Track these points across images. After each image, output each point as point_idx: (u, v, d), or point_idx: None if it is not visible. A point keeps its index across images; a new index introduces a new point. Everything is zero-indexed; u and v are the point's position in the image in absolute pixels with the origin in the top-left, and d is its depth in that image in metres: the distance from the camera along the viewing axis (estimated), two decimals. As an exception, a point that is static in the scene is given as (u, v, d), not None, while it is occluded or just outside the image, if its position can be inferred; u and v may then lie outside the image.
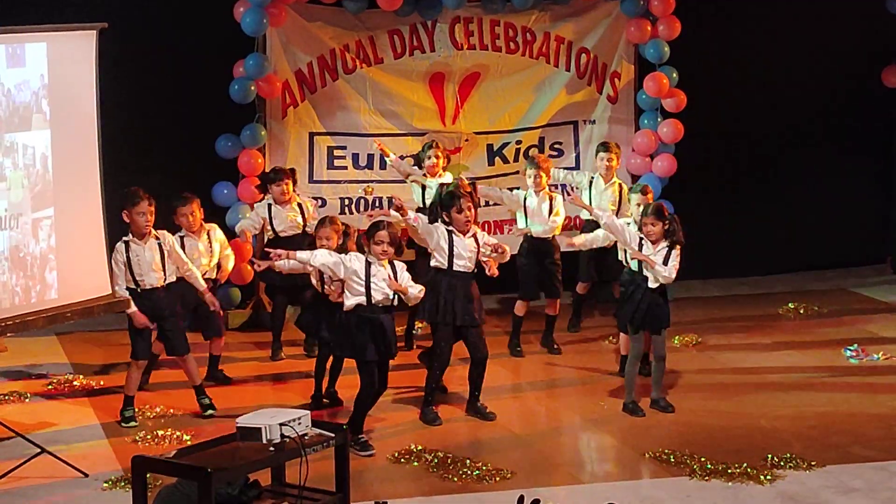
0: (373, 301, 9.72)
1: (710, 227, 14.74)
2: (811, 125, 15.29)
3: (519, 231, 12.35)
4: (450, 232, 10.40)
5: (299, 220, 12.12)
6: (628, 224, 10.83)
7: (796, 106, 15.14)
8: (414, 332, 12.59)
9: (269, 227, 12.13)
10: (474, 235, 10.50)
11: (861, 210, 15.55)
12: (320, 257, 9.81)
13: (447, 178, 12.28)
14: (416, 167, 12.57)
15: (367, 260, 9.75)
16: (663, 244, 10.48)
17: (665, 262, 10.42)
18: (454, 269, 10.38)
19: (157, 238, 10.49)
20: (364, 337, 9.72)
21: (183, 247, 10.94)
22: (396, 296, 9.80)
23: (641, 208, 10.92)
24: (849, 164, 15.45)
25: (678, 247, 10.48)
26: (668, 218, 10.50)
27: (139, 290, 10.38)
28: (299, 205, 12.22)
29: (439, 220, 10.46)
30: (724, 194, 15.13)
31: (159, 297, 10.43)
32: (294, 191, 12.19)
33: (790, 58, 14.98)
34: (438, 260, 10.41)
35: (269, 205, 12.19)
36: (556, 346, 12.34)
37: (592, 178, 13.08)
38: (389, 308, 9.82)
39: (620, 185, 13.06)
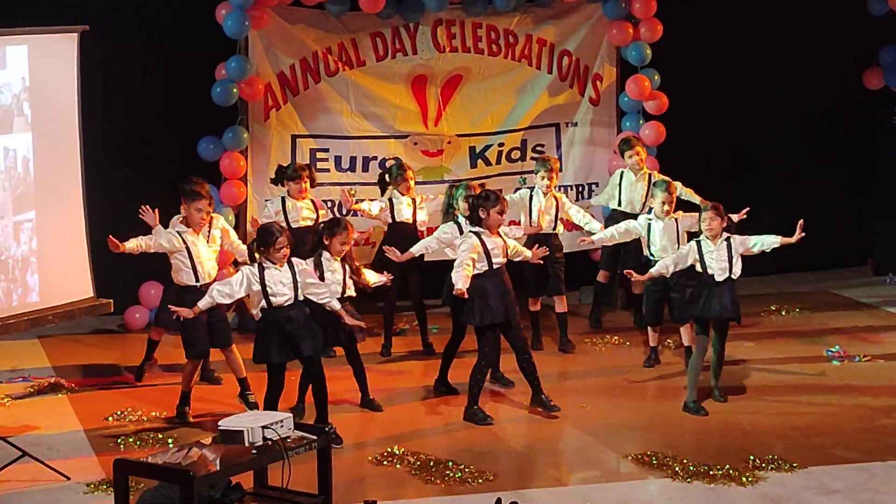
0: (273, 304, 9.78)
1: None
2: (792, 127, 15.32)
3: (531, 229, 12.46)
4: (478, 234, 10.46)
5: (312, 215, 12.30)
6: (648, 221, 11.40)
7: (778, 108, 15.17)
8: (397, 332, 12.62)
9: (282, 221, 12.18)
10: (500, 234, 10.67)
11: (842, 212, 15.58)
12: (234, 289, 9.79)
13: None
14: (373, 202, 12.53)
15: (260, 266, 9.79)
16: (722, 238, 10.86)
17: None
18: (494, 268, 10.48)
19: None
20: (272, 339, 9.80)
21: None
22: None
23: (666, 206, 11.45)
24: (830, 167, 15.48)
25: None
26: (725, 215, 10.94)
27: (199, 286, 10.49)
28: (312, 201, 12.44)
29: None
30: (705, 196, 15.09)
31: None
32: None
33: (772, 60, 15.01)
34: (477, 267, 10.46)
35: (284, 198, 12.35)
36: (571, 346, 12.51)
37: (622, 173, 13.28)
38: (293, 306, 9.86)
39: (649, 174, 13.21)
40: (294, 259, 9.94)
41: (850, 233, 15.76)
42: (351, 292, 10.51)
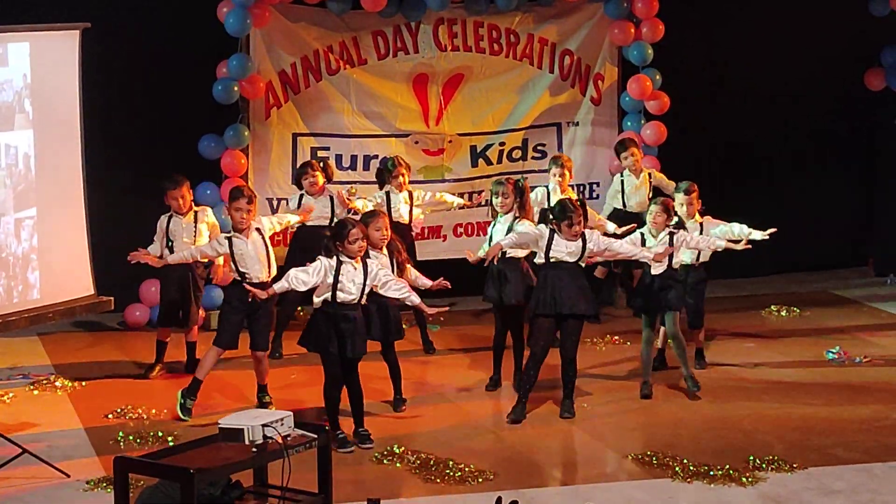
0: (338, 300, 9.75)
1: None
2: (794, 128, 15.32)
3: None
4: (553, 231, 10.42)
5: (328, 211, 12.19)
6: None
7: (779, 109, 15.17)
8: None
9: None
10: (582, 235, 10.48)
11: (843, 213, 15.58)
12: (310, 276, 9.78)
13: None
14: (367, 200, 12.46)
15: (338, 259, 9.76)
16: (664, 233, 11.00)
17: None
18: (551, 260, 10.41)
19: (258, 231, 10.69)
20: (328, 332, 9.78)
21: (169, 226, 11.40)
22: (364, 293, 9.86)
23: (685, 208, 11.47)
24: (831, 167, 15.49)
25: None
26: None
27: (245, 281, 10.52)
28: (330, 196, 12.30)
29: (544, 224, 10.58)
30: (706, 197, 15.10)
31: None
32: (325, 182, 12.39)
33: (773, 60, 15.00)
34: (539, 255, 10.48)
35: (302, 194, 12.30)
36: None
37: (623, 176, 13.36)
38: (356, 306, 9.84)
39: (650, 173, 13.34)
40: (368, 260, 9.90)
41: (851, 233, 15.75)
42: None
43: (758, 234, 11.55)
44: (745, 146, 15.18)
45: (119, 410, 10.59)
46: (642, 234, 11.15)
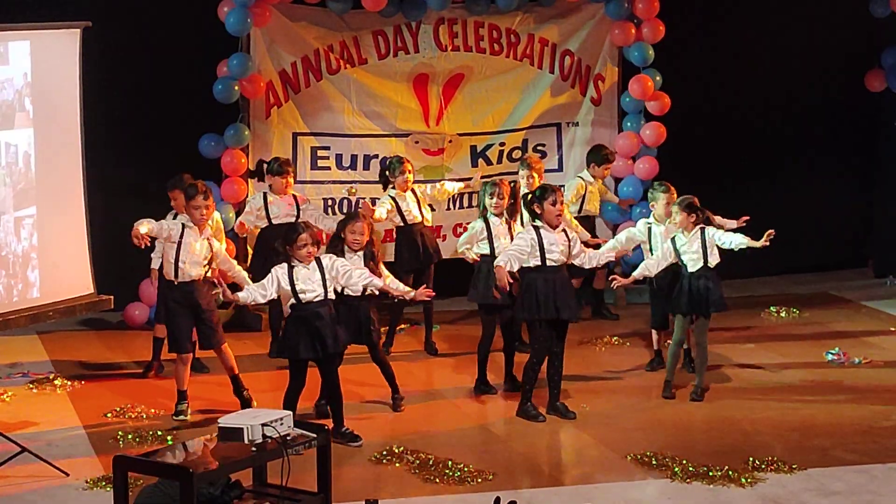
0: (303, 301, 9.80)
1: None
2: (794, 129, 15.32)
3: None
4: (537, 228, 10.40)
5: (293, 211, 12.18)
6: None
7: (779, 110, 15.17)
8: (398, 331, 12.62)
9: (263, 216, 12.23)
10: (564, 230, 10.54)
11: (843, 214, 15.57)
12: (267, 289, 9.84)
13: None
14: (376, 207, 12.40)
15: (289, 265, 9.82)
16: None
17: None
18: (547, 264, 10.38)
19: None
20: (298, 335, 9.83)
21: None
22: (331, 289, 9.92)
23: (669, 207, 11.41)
24: (831, 168, 15.48)
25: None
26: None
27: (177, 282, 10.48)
28: (294, 196, 12.34)
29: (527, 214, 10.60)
30: (706, 197, 15.08)
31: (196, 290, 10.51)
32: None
33: (774, 62, 15.00)
34: (530, 260, 10.38)
35: (265, 194, 12.29)
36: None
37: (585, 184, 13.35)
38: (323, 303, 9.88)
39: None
40: (323, 256, 9.95)
41: (851, 234, 15.75)
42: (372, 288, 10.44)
43: (757, 243, 11.51)
44: (745, 147, 15.17)
45: (118, 409, 10.59)
46: (673, 240, 11.05)
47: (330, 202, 13.53)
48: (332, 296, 9.93)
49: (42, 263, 9.46)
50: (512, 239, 10.82)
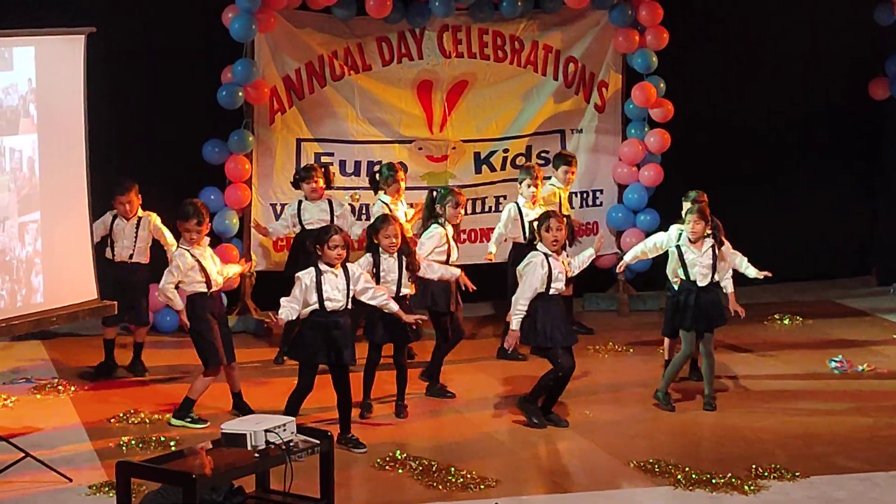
0: (327, 309, 9.83)
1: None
2: (797, 136, 15.32)
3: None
4: (546, 256, 10.44)
5: (327, 216, 12.23)
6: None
7: (783, 117, 15.17)
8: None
9: (297, 223, 12.35)
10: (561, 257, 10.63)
11: (846, 222, 15.57)
12: (299, 301, 9.85)
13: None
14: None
15: (318, 270, 9.85)
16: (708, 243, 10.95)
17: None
18: (550, 293, 10.44)
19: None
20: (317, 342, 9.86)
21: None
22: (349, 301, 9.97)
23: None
24: (834, 176, 15.47)
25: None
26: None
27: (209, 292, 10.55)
28: (329, 201, 12.38)
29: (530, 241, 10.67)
30: (710, 204, 15.10)
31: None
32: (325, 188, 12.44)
33: (777, 69, 15.01)
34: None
35: (300, 202, 12.37)
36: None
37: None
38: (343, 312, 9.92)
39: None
40: (349, 264, 9.98)
41: (855, 243, 15.75)
42: (407, 290, 10.57)
43: (752, 272, 11.50)
44: (748, 153, 15.17)
45: (121, 415, 10.60)
46: (679, 248, 10.99)
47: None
48: (351, 306, 9.96)
49: (46, 269, 9.47)
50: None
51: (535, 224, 10.62)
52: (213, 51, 13.07)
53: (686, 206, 11.45)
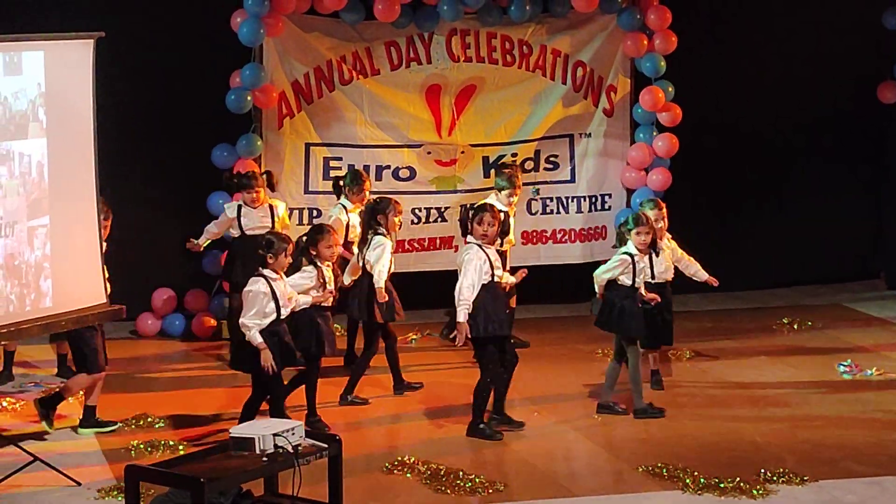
0: (282, 316, 9.87)
1: (705, 241, 14.74)
2: (806, 140, 15.31)
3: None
4: (479, 246, 10.35)
5: (268, 221, 12.18)
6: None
7: (791, 121, 15.16)
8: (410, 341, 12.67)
9: (235, 227, 12.23)
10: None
11: (855, 226, 15.56)
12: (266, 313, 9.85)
13: None
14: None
15: (267, 279, 9.84)
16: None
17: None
18: (495, 279, 10.38)
19: None
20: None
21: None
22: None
23: (661, 223, 11.32)
24: (843, 180, 15.46)
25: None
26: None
27: None
28: (270, 206, 12.32)
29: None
30: (718, 208, 15.15)
31: None
32: (266, 195, 12.36)
33: (785, 73, 15.00)
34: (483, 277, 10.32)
35: (240, 206, 12.29)
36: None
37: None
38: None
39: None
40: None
41: (864, 246, 15.73)
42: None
43: (703, 276, 11.48)
44: (756, 158, 15.17)
45: (130, 419, 10.61)
46: (632, 256, 10.78)
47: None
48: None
49: (55, 273, 9.48)
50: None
51: (470, 215, 10.45)
52: (221, 55, 13.09)
53: (650, 214, 11.30)
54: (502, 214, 10.85)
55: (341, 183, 12.24)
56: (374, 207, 11.12)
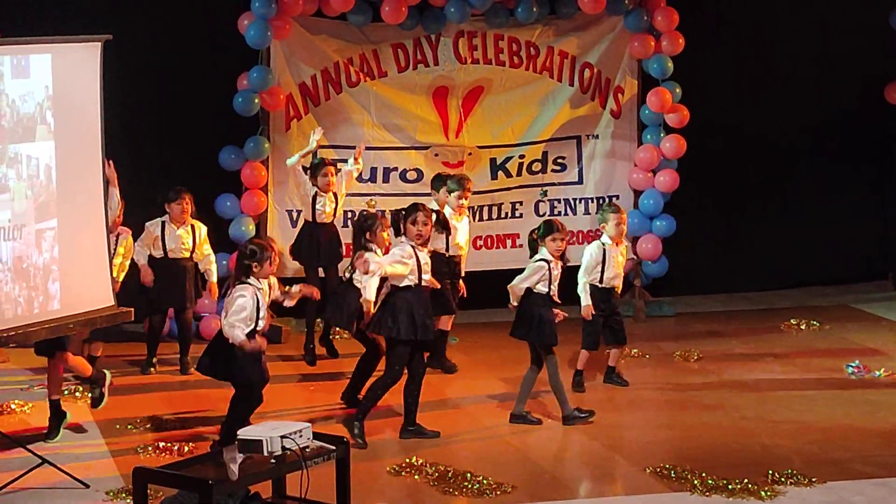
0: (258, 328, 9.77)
1: (712, 242, 14.80)
2: (812, 141, 15.31)
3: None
4: (413, 247, 10.25)
5: (189, 242, 11.98)
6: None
7: (798, 122, 15.16)
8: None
9: (159, 246, 11.97)
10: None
11: (863, 226, 15.55)
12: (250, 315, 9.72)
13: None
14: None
15: (252, 285, 9.74)
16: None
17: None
18: (422, 283, 10.29)
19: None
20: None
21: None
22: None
23: (620, 227, 11.47)
24: (850, 181, 15.46)
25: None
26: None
27: None
28: (192, 226, 12.06)
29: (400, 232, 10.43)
30: (726, 210, 15.15)
31: None
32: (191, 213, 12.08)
33: (792, 74, 15.00)
34: (408, 278, 10.21)
35: (164, 223, 12.02)
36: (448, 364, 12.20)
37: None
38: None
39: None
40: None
41: (871, 247, 15.72)
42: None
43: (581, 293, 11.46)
44: (763, 159, 15.16)
45: (139, 420, 10.62)
46: (548, 263, 10.62)
47: (350, 215, 13.54)
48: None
49: (63, 276, 9.49)
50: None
51: (402, 215, 10.37)
52: (228, 57, 13.11)
53: (608, 217, 11.49)
54: (435, 215, 10.76)
55: (308, 173, 12.34)
56: (362, 225, 10.81)
